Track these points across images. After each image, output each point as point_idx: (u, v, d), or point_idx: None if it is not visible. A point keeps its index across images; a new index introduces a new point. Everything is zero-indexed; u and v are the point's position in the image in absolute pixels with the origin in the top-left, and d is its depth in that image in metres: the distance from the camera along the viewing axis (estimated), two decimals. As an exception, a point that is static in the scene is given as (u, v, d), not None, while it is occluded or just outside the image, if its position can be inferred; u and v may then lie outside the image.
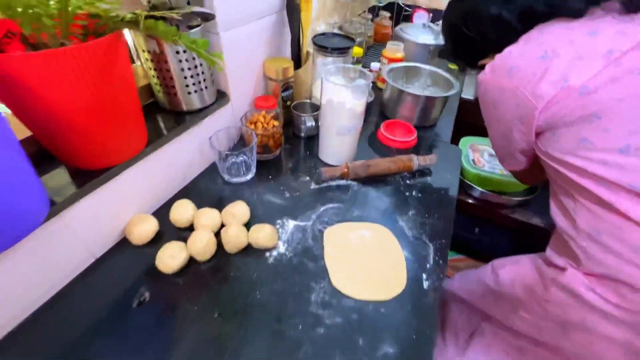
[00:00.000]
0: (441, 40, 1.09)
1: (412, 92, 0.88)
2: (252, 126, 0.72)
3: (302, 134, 0.84)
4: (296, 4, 0.75)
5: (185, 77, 0.59)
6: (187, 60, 0.58)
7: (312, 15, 0.84)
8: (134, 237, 0.54)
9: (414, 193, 0.71)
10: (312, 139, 0.85)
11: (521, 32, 0.51)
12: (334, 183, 0.72)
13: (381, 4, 1.23)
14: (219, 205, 0.63)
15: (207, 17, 0.52)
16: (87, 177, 0.48)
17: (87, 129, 0.43)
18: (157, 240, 0.56)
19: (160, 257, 0.51)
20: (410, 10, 1.57)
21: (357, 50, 1.06)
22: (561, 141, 0.48)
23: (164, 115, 0.64)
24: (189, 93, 0.61)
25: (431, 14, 1.16)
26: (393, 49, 1.04)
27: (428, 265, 0.57)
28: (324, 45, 0.77)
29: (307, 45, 0.87)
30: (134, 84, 0.49)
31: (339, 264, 0.55)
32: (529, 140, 0.54)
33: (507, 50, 0.51)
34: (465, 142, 1.09)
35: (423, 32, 1.11)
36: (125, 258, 0.54)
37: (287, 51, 0.87)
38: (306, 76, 0.87)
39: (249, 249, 0.56)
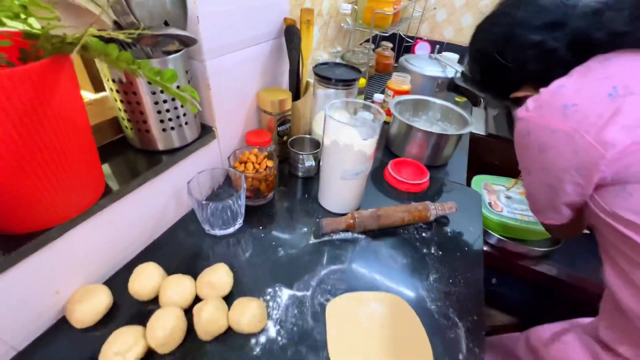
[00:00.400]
0: (449, 73, 1.02)
1: (422, 127, 0.78)
2: (242, 167, 0.61)
3: (300, 174, 0.73)
4: (296, 30, 0.67)
5: (160, 112, 0.49)
6: (162, 91, 0.47)
7: (313, 43, 0.76)
8: (76, 319, 0.41)
9: (432, 250, 0.60)
10: (312, 180, 0.74)
11: (572, 63, 0.42)
12: (337, 236, 0.60)
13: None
14: (195, 266, 0.50)
15: (187, 42, 0.42)
16: (10, 246, 0.35)
17: (8, 182, 0.31)
18: (109, 320, 0.43)
19: (106, 353, 0.37)
20: (411, 41, 1.53)
21: (361, 81, 0.98)
22: (636, 200, 0.38)
23: (133, 155, 0.52)
24: (165, 130, 0.51)
25: (438, 46, 1.11)
26: (399, 81, 0.96)
27: (461, 356, 0.44)
28: (327, 76, 0.68)
29: (307, 75, 0.79)
30: (83, 123, 0.38)
31: (346, 356, 0.42)
32: (583, 194, 0.43)
33: (557, 83, 0.42)
34: (478, 181, 0.99)
35: (429, 64, 1.05)
36: (60, 350, 0.40)
37: (285, 81, 0.78)
38: (305, 109, 0.78)
39: (229, 333, 0.43)
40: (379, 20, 1.01)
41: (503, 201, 0.92)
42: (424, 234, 0.63)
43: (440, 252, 0.59)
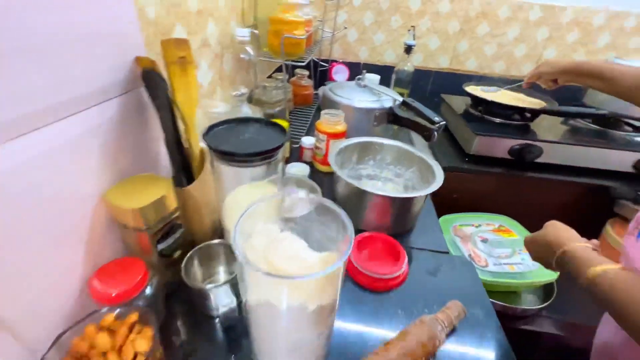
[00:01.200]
0: (385, 102, 0.84)
1: (382, 192, 0.56)
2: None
3: (215, 314, 0.43)
4: (157, 76, 0.38)
5: None
6: None
7: (198, 90, 0.48)
8: None
9: (462, 416, 0.36)
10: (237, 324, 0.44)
11: None
12: None
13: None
14: None
15: None
16: None
17: None
18: None
19: None
20: (326, 65, 1.36)
21: (284, 124, 0.73)
22: None
23: None
24: None
25: (365, 70, 0.93)
26: (332, 121, 0.74)
27: None
28: (229, 151, 0.40)
29: (201, 140, 0.49)
30: None
31: None
32: None
33: None
34: (446, 224, 0.82)
35: (360, 93, 0.86)
36: None
37: (161, 159, 0.48)
38: (206, 194, 0.48)
39: None
40: (290, 46, 0.78)
41: (482, 248, 0.75)
42: (436, 379, 0.39)
43: (475, 417, 0.36)
